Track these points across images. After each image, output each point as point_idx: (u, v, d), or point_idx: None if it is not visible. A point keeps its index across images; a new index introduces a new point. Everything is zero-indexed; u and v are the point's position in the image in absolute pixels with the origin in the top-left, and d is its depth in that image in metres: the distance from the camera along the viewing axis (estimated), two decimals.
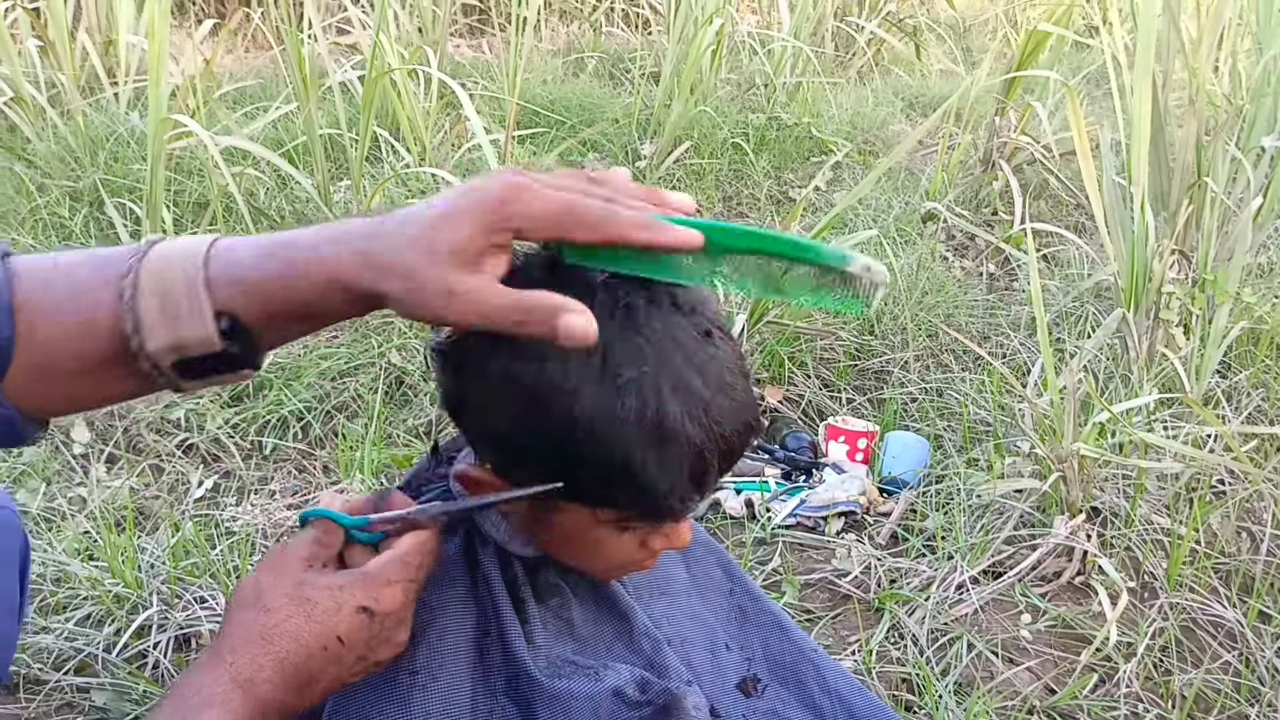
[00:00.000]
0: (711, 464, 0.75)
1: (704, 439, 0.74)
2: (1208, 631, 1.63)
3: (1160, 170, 2.39)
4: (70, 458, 1.89)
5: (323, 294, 0.71)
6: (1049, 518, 1.74)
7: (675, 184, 3.31)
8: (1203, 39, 2.31)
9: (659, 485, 0.74)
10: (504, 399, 0.74)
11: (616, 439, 0.72)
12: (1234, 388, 2.10)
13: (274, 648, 0.72)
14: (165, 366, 0.73)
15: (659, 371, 0.72)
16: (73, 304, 0.72)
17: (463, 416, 0.80)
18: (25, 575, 1.07)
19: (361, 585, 0.75)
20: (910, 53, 4.97)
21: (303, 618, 0.73)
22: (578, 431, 0.72)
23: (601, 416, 0.71)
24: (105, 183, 2.66)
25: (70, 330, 0.72)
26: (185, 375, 0.74)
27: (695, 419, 0.73)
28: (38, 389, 0.74)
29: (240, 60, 4.16)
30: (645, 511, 0.77)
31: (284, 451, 1.98)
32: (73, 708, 1.42)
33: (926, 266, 2.69)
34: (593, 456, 0.73)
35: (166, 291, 0.71)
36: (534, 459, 0.75)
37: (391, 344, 2.20)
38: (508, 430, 0.76)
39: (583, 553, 0.86)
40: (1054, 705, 1.48)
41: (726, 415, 0.75)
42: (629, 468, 0.73)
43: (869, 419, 2.19)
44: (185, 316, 0.71)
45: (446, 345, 0.78)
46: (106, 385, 0.75)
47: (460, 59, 4.19)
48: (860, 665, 1.55)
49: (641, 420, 0.71)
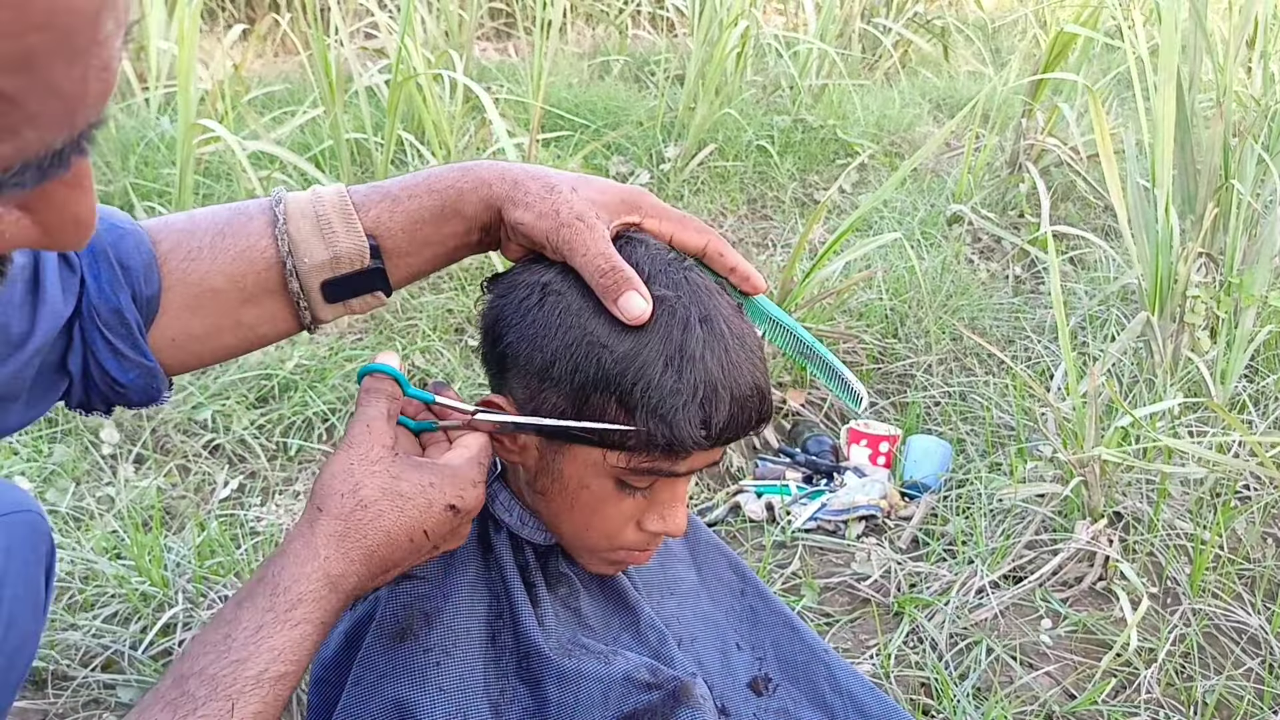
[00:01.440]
0: (724, 402, 0.79)
1: (721, 375, 0.78)
2: (1230, 638, 1.62)
3: (1187, 173, 2.38)
4: (99, 458, 1.91)
5: (459, 192, 0.80)
6: (1070, 523, 1.74)
7: (700, 187, 3.31)
8: (1230, 40, 2.29)
9: (672, 401, 0.77)
10: (544, 311, 0.79)
11: (643, 349, 0.77)
12: (1261, 392, 2.08)
13: (366, 542, 0.73)
14: (313, 288, 0.80)
15: (692, 305, 0.79)
16: (223, 239, 0.79)
17: (501, 338, 0.82)
18: (50, 576, 1.10)
19: (451, 483, 0.77)
20: (938, 54, 4.95)
21: (396, 513, 0.74)
22: (609, 339, 0.77)
23: (633, 332, 0.77)
24: (136, 186, 2.69)
25: (224, 262, 0.79)
26: (329, 297, 0.81)
27: (715, 354, 0.78)
28: (181, 334, 0.80)
29: (269, 65, 4.20)
30: (654, 434, 0.78)
31: (308, 452, 2.00)
32: (99, 704, 1.44)
33: (951, 269, 2.68)
34: (615, 368, 0.77)
35: (319, 214, 0.79)
36: (560, 374, 0.78)
37: (415, 346, 2.22)
38: (543, 341, 0.79)
39: (582, 515, 0.86)
40: (1073, 710, 1.48)
41: (744, 367, 0.80)
42: (646, 380, 0.77)
43: (891, 423, 2.19)
44: (340, 232, 0.79)
45: (504, 272, 0.85)
46: (248, 320, 0.81)
47: (487, 62, 4.21)
48: (878, 669, 1.54)
49: (669, 336, 0.77)
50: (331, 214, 0.79)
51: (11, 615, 1.00)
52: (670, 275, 0.80)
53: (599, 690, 0.87)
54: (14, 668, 1.02)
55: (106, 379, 0.77)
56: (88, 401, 0.80)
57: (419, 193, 0.81)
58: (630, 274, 0.76)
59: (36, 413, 0.78)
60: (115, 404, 0.81)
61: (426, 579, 0.88)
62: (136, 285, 0.76)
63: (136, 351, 0.77)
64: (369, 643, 0.86)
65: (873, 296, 2.54)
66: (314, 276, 0.80)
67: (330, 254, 0.79)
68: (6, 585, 1.00)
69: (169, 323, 0.79)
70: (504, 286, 0.83)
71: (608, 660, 0.88)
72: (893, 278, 2.60)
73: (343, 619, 0.91)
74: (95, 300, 0.75)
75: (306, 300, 0.81)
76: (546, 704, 0.86)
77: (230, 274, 0.79)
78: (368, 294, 0.82)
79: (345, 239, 0.79)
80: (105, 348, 0.76)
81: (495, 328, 0.83)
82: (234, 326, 0.81)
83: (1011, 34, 5.36)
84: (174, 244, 0.79)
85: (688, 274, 0.81)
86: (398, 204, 0.81)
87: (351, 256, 0.80)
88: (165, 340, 0.79)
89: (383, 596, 0.89)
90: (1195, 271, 2.10)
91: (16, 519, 1.03)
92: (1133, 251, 2.18)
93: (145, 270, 0.77)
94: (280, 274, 0.80)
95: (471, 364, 2.23)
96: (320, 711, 0.90)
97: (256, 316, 0.81)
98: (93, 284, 0.75)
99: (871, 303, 2.52)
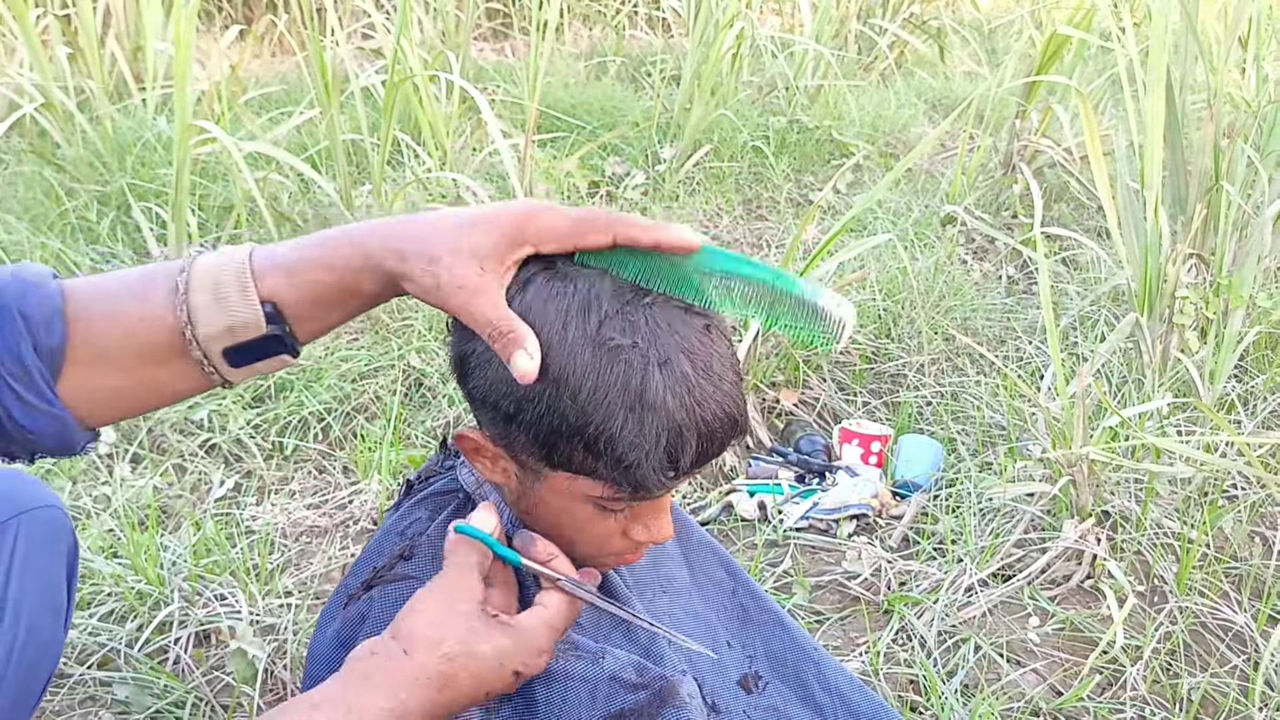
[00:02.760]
0: (689, 443, 0.78)
1: (684, 417, 0.77)
2: (1216, 635, 1.63)
3: (1178, 174, 2.39)
4: (95, 457, 1.93)
5: (355, 272, 0.81)
6: (1059, 521, 1.75)
7: (695, 188, 3.33)
8: (1224, 40, 2.31)
9: (634, 454, 0.77)
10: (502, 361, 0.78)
11: (600, 402, 0.76)
12: (1250, 392, 2.10)
13: (441, 696, 0.78)
14: (215, 354, 0.81)
15: (650, 347, 0.77)
16: (128, 303, 0.82)
17: (467, 378, 0.83)
18: (73, 577, 1.10)
19: (522, 652, 0.81)
20: (934, 54, 4.96)
21: (469, 674, 0.78)
22: (565, 392, 0.77)
23: (589, 379, 0.76)
24: (132, 187, 2.71)
25: (128, 324, 0.81)
26: (233, 363, 0.83)
27: (677, 396, 0.77)
28: (91, 388, 0.81)
29: (266, 65, 4.22)
30: (621, 482, 0.79)
31: (304, 452, 2.02)
32: (95, 701, 1.46)
33: (944, 269, 2.70)
34: (577, 419, 0.77)
35: (217, 283, 0.81)
36: (526, 420, 0.79)
37: (411, 346, 2.23)
38: (505, 389, 0.79)
39: (568, 532, 0.87)
40: (1060, 707, 1.49)
41: (710, 400, 0.79)
42: (609, 433, 0.77)
43: (883, 422, 2.20)
44: (235, 301, 0.80)
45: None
46: (158, 380, 0.83)
47: (483, 63, 4.22)
48: (868, 666, 1.56)
49: (626, 386, 0.76)
50: (229, 283, 0.81)
51: (31, 620, 1.00)
52: (626, 317, 0.78)
53: (586, 690, 0.88)
54: (36, 675, 1.02)
55: (16, 426, 0.80)
56: (9, 449, 0.83)
57: (316, 271, 0.82)
58: (515, 332, 0.76)
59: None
60: (36, 452, 0.83)
61: (419, 580, 0.89)
62: (37, 335, 0.78)
63: (42, 400, 0.79)
64: (362, 642, 0.87)
65: (866, 297, 2.55)
66: (213, 344, 0.81)
67: (227, 323, 0.81)
68: (27, 590, 1.00)
69: (77, 375, 0.81)
70: (467, 330, 0.82)
71: (597, 659, 0.90)
72: (886, 278, 2.61)
73: (335, 619, 0.93)
74: (0, 350, 0.77)
75: (212, 365, 0.83)
76: (535, 704, 0.87)
77: (133, 336, 0.81)
78: (272, 358, 0.84)
79: (241, 309, 0.80)
80: (10, 395, 0.78)
81: (461, 368, 0.84)
82: (144, 384, 0.83)
83: (1008, 34, 5.37)
84: (83, 304, 0.81)
85: (647, 311, 0.79)
86: (294, 276, 0.82)
87: (248, 325, 0.81)
88: (79, 392, 0.81)
89: (375, 597, 0.90)
90: (1185, 273, 2.12)
91: (35, 516, 1.02)
92: (1122, 252, 2.19)
93: (46, 321, 0.79)
94: (182, 342, 0.81)
95: None
96: None
97: (166, 377, 0.83)
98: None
99: (864, 303, 2.53)
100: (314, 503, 1.89)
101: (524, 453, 0.82)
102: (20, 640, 0.98)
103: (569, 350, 0.77)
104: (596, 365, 0.76)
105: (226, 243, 2.51)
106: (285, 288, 0.81)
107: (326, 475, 1.98)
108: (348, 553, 1.77)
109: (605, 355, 0.76)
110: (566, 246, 0.80)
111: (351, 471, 1.97)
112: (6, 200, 2.79)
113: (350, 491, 1.91)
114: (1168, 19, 2.08)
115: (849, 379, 2.33)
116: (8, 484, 1.03)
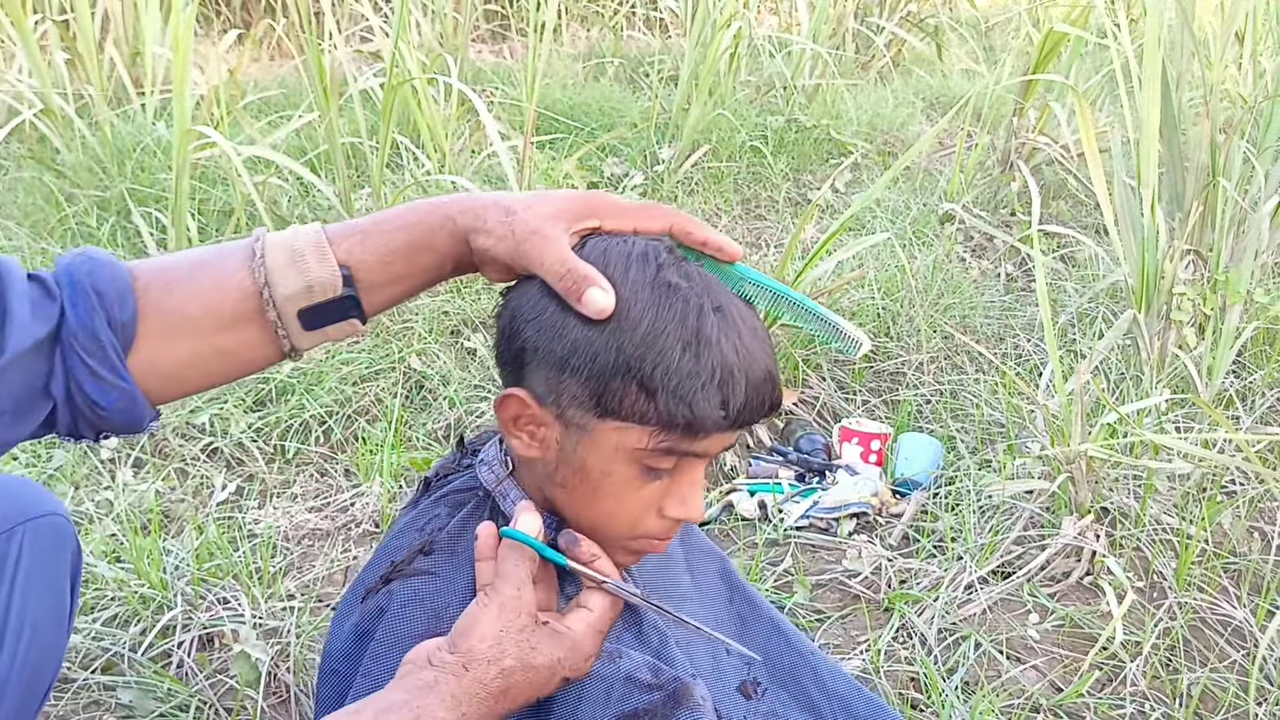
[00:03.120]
0: (739, 385, 0.82)
1: (735, 359, 0.82)
2: (1216, 631, 1.64)
3: (1175, 170, 2.40)
4: (98, 462, 1.93)
5: (429, 230, 0.86)
6: (1058, 518, 1.76)
7: (694, 188, 3.33)
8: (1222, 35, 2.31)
9: (690, 384, 0.80)
10: (562, 305, 0.82)
11: (659, 334, 0.80)
12: (1247, 388, 2.11)
13: (498, 705, 0.81)
14: (290, 315, 0.85)
15: (705, 294, 0.83)
16: (202, 271, 0.86)
17: (518, 335, 0.85)
18: (76, 584, 1.11)
19: (573, 658, 0.84)
20: (932, 52, 4.96)
21: (524, 684, 0.82)
22: (626, 326, 0.80)
23: (649, 314, 0.81)
24: (132, 192, 2.71)
25: (203, 291, 0.85)
26: (306, 325, 0.86)
27: (730, 339, 0.82)
28: (161, 360, 0.84)
29: (265, 69, 4.22)
30: (674, 420, 0.81)
31: (306, 455, 2.02)
32: (99, 705, 1.46)
33: (943, 267, 2.70)
34: (634, 355, 0.80)
35: (294, 248, 0.85)
36: (580, 363, 0.82)
37: (411, 349, 2.24)
38: (562, 332, 0.82)
39: (605, 504, 0.87)
40: (1060, 703, 1.50)
41: (758, 355, 0.84)
42: (665, 365, 0.80)
43: (883, 421, 2.21)
44: (313, 263, 0.84)
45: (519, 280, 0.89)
46: (228, 348, 0.86)
47: (482, 64, 4.23)
48: (868, 664, 1.57)
49: (684, 321, 0.81)
50: (306, 248, 0.85)
51: (35, 628, 1.01)
52: (682, 268, 0.84)
53: (602, 689, 0.89)
54: (39, 680, 1.03)
55: (88, 402, 0.81)
56: (75, 428, 0.84)
57: (390, 229, 0.86)
58: (587, 271, 0.81)
59: (18, 433, 0.81)
60: (102, 430, 0.85)
61: (438, 575, 0.90)
62: (110, 310, 0.81)
63: (114, 374, 0.81)
64: (379, 637, 0.88)
65: (865, 296, 2.55)
66: (290, 304, 0.85)
67: (304, 283, 0.84)
68: (31, 598, 1.01)
69: (149, 348, 0.83)
70: (520, 287, 0.86)
71: (614, 659, 0.90)
72: (885, 277, 2.62)
73: (353, 612, 0.93)
74: (74, 326, 0.80)
75: (285, 329, 0.86)
76: (551, 700, 0.88)
77: (207, 302, 0.84)
78: (343, 321, 0.87)
79: (319, 269, 0.84)
80: (84, 371, 0.80)
81: (513, 324, 0.86)
82: (214, 353, 0.86)
83: (1005, 31, 5.38)
84: (152, 277, 0.84)
85: (699, 268, 0.85)
86: (369, 239, 0.86)
87: (325, 285, 0.85)
88: (147, 366, 0.83)
89: (395, 590, 0.90)
90: (1182, 269, 2.12)
91: (41, 524, 1.04)
92: (1119, 249, 2.20)
93: (119, 296, 0.81)
94: (258, 303, 0.85)
95: (467, 366, 2.25)
96: (330, 703, 0.92)
97: (235, 343, 0.86)
98: (71, 311, 0.80)
99: (863, 302, 2.54)
100: (316, 506, 1.90)
101: (572, 405, 0.83)
102: (23, 646, 0.99)
103: (630, 287, 0.81)
104: (656, 301, 0.81)
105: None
106: (360, 249, 0.86)
107: (328, 478, 1.98)
108: (350, 555, 1.77)
109: (665, 293, 0.81)
110: (627, 226, 0.87)
111: (353, 474, 1.98)
112: (6, 206, 2.80)
113: (352, 494, 1.92)
114: (1163, 15, 2.09)
115: (848, 378, 2.34)
116: (13, 491, 1.04)
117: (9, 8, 2.89)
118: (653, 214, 0.87)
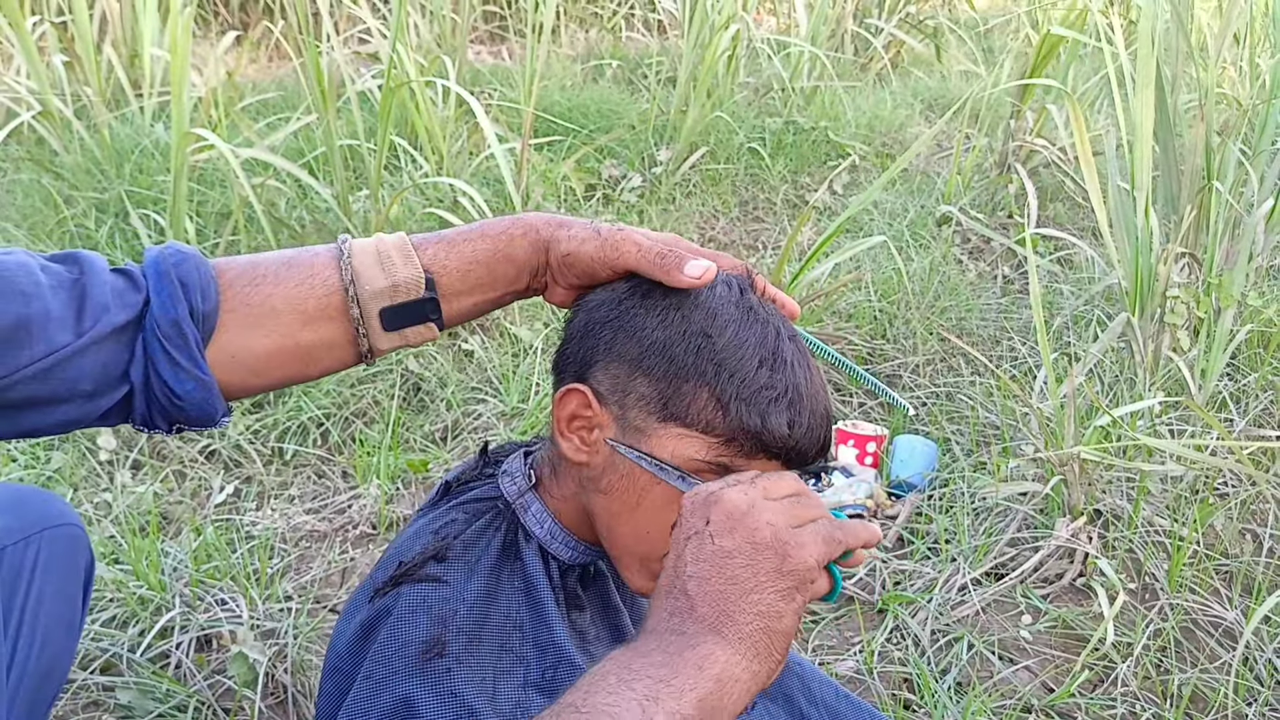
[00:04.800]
0: (806, 411, 0.85)
1: (805, 386, 0.85)
2: (1206, 632, 1.65)
3: (1170, 173, 2.40)
4: (96, 464, 1.94)
5: (511, 239, 0.89)
6: (1051, 520, 1.77)
7: (692, 190, 3.34)
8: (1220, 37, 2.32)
9: (765, 395, 0.83)
10: (644, 307, 0.86)
11: (740, 345, 0.84)
12: (1241, 391, 2.11)
13: (776, 645, 0.76)
14: (372, 314, 0.87)
15: (782, 323, 0.88)
16: (287, 268, 0.88)
17: (590, 332, 0.88)
18: (88, 592, 1.12)
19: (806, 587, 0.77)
20: (930, 54, 4.97)
21: (794, 615, 0.75)
22: (712, 330, 0.84)
23: (731, 327, 0.85)
24: (130, 194, 2.72)
25: (288, 286, 0.87)
26: (387, 325, 0.89)
27: (801, 367, 0.86)
28: (240, 353, 0.86)
29: (263, 71, 4.23)
30: (746, 430, 0.83)
31: (303, 457, 2.03)
32: (99, 706, 1.47)
33: (939, 270, 2.71)
34: (712, 361, 0.83)
35: (380, 250, 0.88)
36: (654, 363, 0.84)
37: (411, 350, 2.25)
38: (640, 332, 0.85)
39: (643, 517, 0.87)
40: (1051, 704, 1.51)
41: (819, 391, 0.87)
42: (743, 375, 0.83)
43: (879, 423, 2.22)
44: (398, 264, 0.87)
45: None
46: (306, 345, 0.88)
47: (480, 66, 4.23)
48: (862, 665, 1.58)
49: (763, 341, 0.85)
50: (391, 249, 0.88)
51: (46, 634, 1.02)
52: (758, 296, 0.88)
53: None
54: (49, 685, 1.04)
55: (165, 390, 0.83)
56: (150, 417, 0.85)
57: (473, 237, 0.90)
58: (686, 245, 0.85)
59: (89, 412, 0.82)
60: (176, 420, 0.86)
61: (447, 582, 0.90)
62: (193, 300, 0.82)
63: (192, 363, 0.82)
64: (384, 638, 0.88)
65: (861, 298, 2.56)
66: (373, 303, 0.87)
67: (389, 282, 0.87)
68: (44, 604, 1.02)
69: (229, 339, 0.85)
70: (597, 293, 0.89)
71: None
72: (881, 279, 2.63)
73: (360, 609, 0.94)
74: (157, 314, 0.81)
75: (365, 327, 0.88)
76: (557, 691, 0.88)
77: (292, 297, 0.86)
78: (422, 324, 0.90)
79: (404, 269, 0.87)
80: (164, 358, 0.82)
81: (588, 325, 0.88)
82: (294, 349, 0.87)
83: (1004, 33, 5.38)
84: (239, 272, 0.87)
85: (770, 305, 0.89)
86: (453, 246, 0.89)
87: (408, 285, 0.87)
88: (225, 358, 0.85)
89: (403, 593, 0.91)
90: (1176, 272, 2.13)
91: (58, 534, 1.05)
92: (1113, 252, 2.21)
93: (202, 287, 0.83)
94: (342, 300, 0.87)
95: (464, 368, 2.26)
96: (332, 699, 0.92)
97: (315, 340, 0.87)
98: (155, 300, 0.82)
99: (860, 304, 2.55)
100: (313, 507, 1.91)
101: (637, 405, 0.84)
102: (36, 650, 1.00)
103: (717, 300, 0.85)
104: (739, 318, 0.85)
105: (224, 249, 2.53)
106: (444, 255, 0.89)
107: (325, 480, 1.99)
108: (347, 557, 1.78)
109: (747, 313, 0.86)
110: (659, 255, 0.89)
111: (350, 476, 1.99)
112: (5, 208, 2.81)
113: (349, 496, 1.93)
114: (1157, 19, 2.10)
115: (845, 380, 2.34)
116: (34, 502, 1.06)
117: (7, 9, 2.89)
118: (726, 258, 0.90)
